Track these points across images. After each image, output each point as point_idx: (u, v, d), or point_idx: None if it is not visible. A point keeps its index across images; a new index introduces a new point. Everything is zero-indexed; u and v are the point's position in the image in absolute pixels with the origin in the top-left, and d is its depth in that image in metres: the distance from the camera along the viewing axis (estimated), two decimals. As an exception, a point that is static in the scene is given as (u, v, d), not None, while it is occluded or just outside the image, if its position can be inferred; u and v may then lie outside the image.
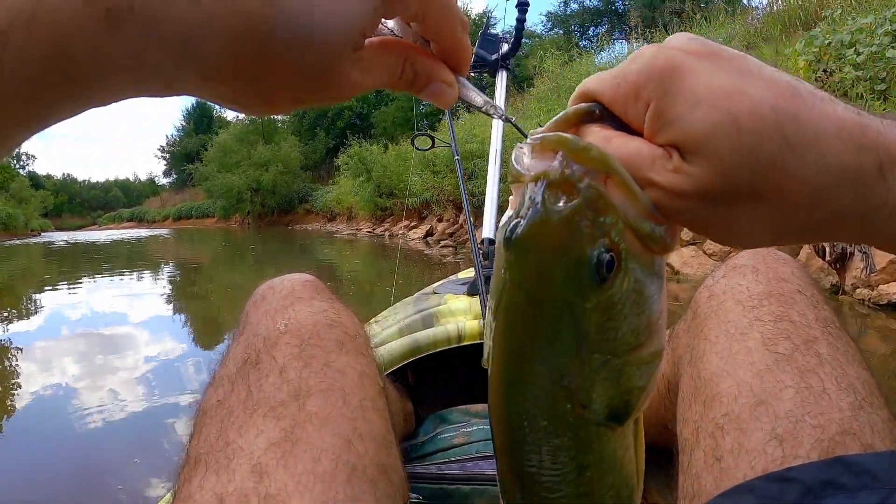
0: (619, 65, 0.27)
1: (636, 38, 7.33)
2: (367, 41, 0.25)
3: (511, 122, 0.28)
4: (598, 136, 0.26)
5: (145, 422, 1.91)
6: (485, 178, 1.09)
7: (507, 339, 0.27)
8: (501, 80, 1.14)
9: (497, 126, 1.06)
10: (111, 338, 3.32)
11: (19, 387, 2.45)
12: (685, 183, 0.24)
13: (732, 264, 0.61)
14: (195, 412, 0.48)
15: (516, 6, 1.09)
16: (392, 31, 0.28)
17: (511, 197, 0.27)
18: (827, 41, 4.27)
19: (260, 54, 0.22)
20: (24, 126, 0.21)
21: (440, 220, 9.97)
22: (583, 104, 0.27)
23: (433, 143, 1.21)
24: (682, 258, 4.37)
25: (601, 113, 0.27)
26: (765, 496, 0.39)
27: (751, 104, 0.23)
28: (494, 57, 1.14)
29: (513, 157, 0.27)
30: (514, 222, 0.25)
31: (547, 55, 7.52)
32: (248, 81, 0.23)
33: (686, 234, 4.74)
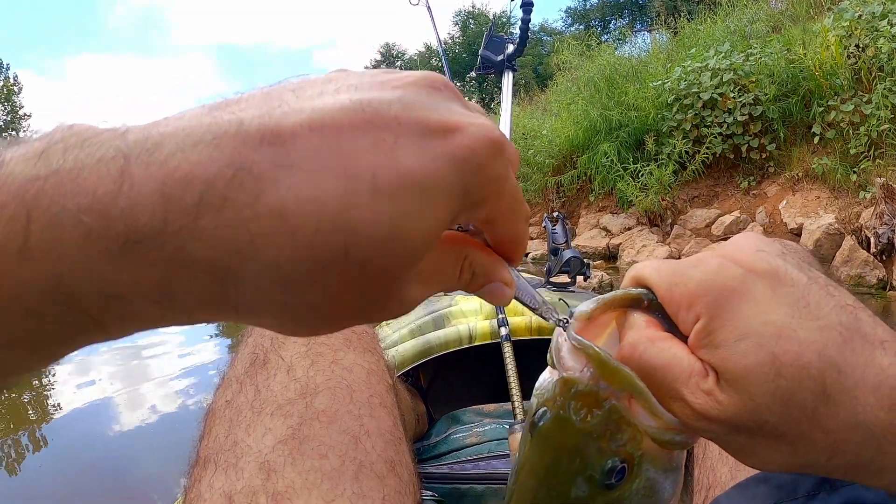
0: (679, 262, 0.27)
1: (659, 28, 7.19)
2: None
3: (565, 326, 0.27)
4: (642, 335, 0.26)
5: (180, 426, 1.97)
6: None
7: None
8: (507, 80, 1.15)
9: (504, 122, 1.06)
10: (145, 347, 3.41)
11: (58, 406, 2.54)
12: (712, 409, 0.24)
13: None
14: (205, 413, 0.49)
15: (521, 6, 1.11)
16: None
17: (552, 360, 0.28)
18: (857, 14, 4.14)
19: (313, 283, 0.18)
20: (32, 359, 0.18)
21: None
22: (633, 290, 0.28)
23: None
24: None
25: (650, 303, 0.27)
26: (780, 486, 0.39)
27: (798, 349, 0.23)
28: (500, 58, 1.16)
29: (553, 341, 0.28)
30: (541, 411, 0.27)
31: (564, 47, 7.45)
32: (297, 312, 0.19)
33: (719, 228, 4.65)
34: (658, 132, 5.29)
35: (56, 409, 2.31)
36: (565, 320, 0.27)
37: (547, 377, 0.28)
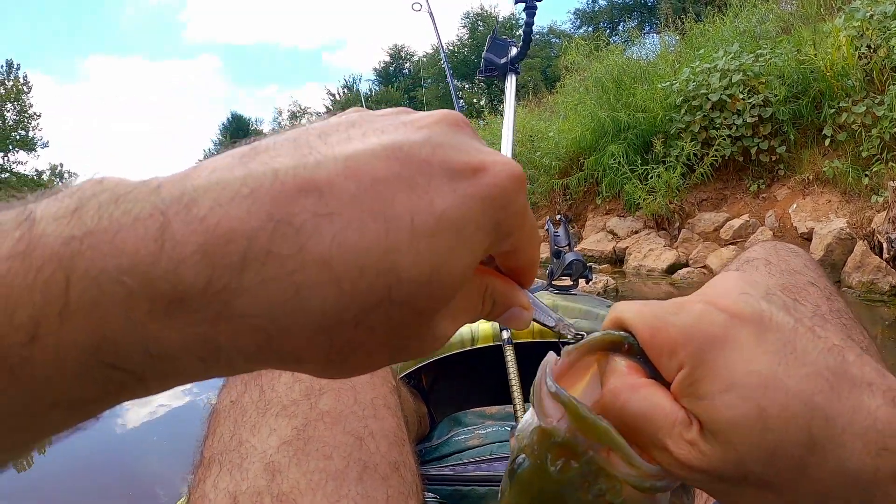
0: (661, 306, 0.27)
1: (667, 28, 7.19)
2: None
3: (577, 339, 0.28)
4: (624, 382, 0.26)
5: (186, 424, 1.99)
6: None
7: None
8: (511, 83, 1.17)
9: (507, 125, 1.08)
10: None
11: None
12: (696, 459, 0.24)
13: (745, 258, 0.62)
14: (209, 413, 0.50)
15: (524, 9, 1.12)
16: None
17: (532, 402, 0.28)
18: (869, 14, 4.13)
19: (357, 326, 0.19)
20: (71, 420, 0.18)
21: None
22: (614, 333, 0.28)
23: None
24: (721, 259, 4.28)
25: (631, 347, 0.27)
26: None
27: (784, 400, 0.23)
28: (503, 61, 1.17)
29: (535, 382, 0.28)
30: (520, 458, 0.27)
31: (572, 47, 7.47)
32: (340, 355, 0.20)
33: (728, 233, 4.64)
34: (666, 134, 5.30)
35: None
36: (582, 335, 0.28)
37: (529, 419, 0.28)
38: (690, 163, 5.05)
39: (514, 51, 1.17)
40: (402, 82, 28.95)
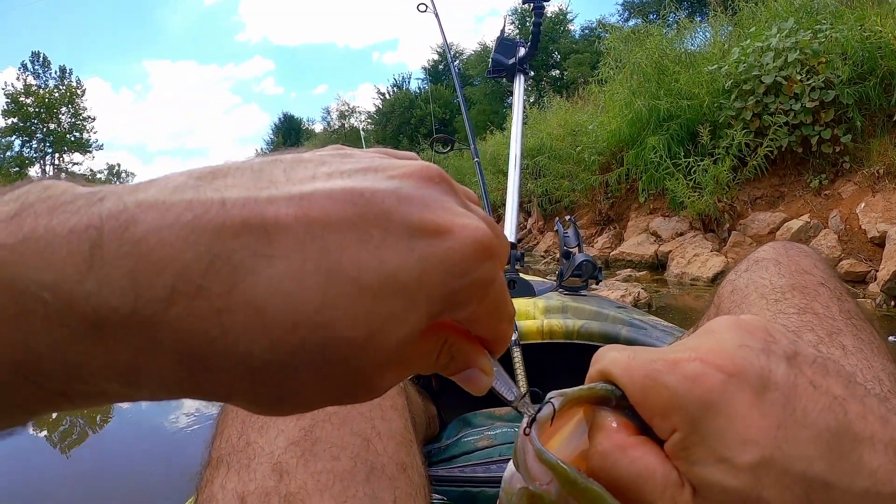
0: (652, 361, 0.28)
1: (721, 14, 7.14)
2: None
3: (532, 422, 0.30)
4: (612, 442, 0.27)
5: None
6: (552, 175, 1.16)
7: None
8: (519, 84, 1.22)
9: (515, 129, 1.13)
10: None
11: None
12: None
13: (755, 258, 0.67)
14: (218, 414, 0.56)
15: (532, 9, 1.17)
16: None
17: (516, 461, 0.30)
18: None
19: (285, 377, 0.20)
20: None
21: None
22: (600, 387, 0.29)
23: (452, 145, 1.30)
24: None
25: (619, 401, 0.29)
26: None
27: (781, 470, 0.24)
28: (512, 61, 1.23)
29: (517, 442, 0.29)
30: None
31: (612, 35, 7.48)
32: (267, 400, 0.21)
33: (785, 235, 4.59)
34: (714, 123, 5.27)
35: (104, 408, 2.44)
36: (534, 411, 0.30)
37: (513, 472, 0.30)
38: (742, 155, 5.01)
39: (522, 51, 1.22)
40: (451, 80, 29.51)
